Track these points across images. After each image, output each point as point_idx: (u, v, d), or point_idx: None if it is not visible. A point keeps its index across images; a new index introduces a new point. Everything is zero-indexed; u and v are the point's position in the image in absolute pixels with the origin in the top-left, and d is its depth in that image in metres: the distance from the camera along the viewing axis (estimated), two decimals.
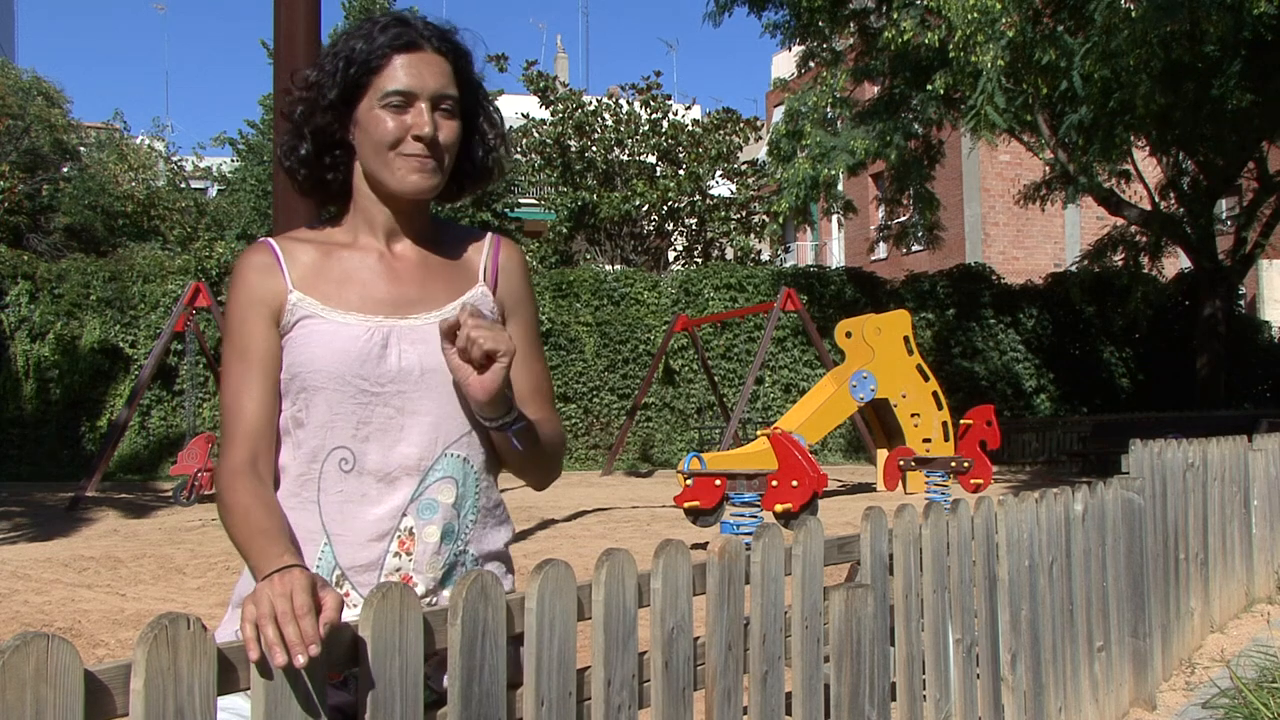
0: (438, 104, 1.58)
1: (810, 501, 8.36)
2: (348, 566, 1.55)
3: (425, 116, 1.56)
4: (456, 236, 1.71)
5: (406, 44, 1.57)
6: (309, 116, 1.60)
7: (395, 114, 1.56)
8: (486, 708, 1.45)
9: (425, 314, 1.60)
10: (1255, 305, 26.50)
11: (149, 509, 11.89)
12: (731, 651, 1.88)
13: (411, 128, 1.56)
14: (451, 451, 1.58)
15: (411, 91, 1.56)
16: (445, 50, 1.60)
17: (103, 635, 5.43)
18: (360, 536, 1.54)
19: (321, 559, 1.55)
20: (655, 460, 19.53)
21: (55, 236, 24.33)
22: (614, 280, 20.34)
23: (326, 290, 1.59)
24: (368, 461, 1.54)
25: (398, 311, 1.59)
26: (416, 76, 1.56)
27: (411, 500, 1.55)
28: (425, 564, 1.55)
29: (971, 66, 12.16)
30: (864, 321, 13.17)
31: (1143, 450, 4.32)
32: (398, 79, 1.56)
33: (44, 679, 1.03)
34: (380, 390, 1.55)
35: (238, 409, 1.55)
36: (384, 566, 1.55)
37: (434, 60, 1.58)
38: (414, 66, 1.57)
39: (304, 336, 1.56)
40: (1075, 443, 17.42)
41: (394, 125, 1.56)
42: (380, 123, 1.56)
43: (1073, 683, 3.36)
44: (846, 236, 32.51)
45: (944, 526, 2.65)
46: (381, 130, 1.56)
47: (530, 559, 5.06)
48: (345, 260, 1.62)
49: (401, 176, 1.57)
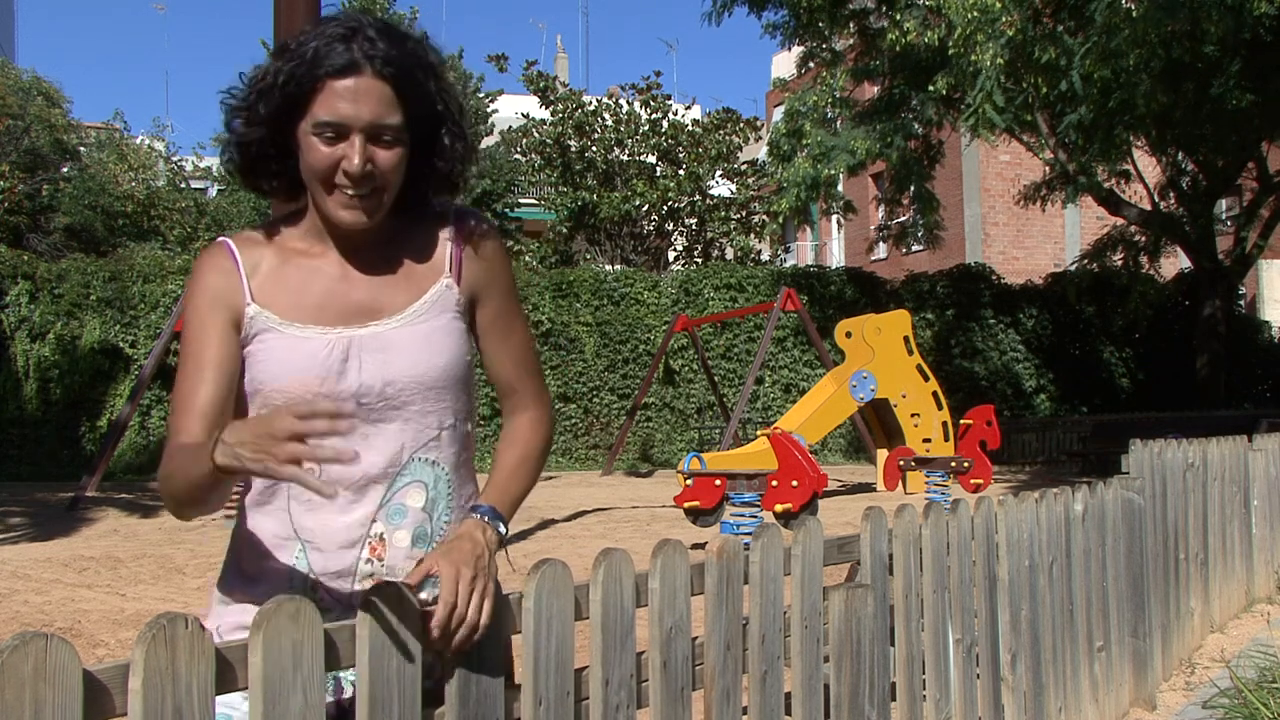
0: (375, 136, 1.48)
1: (810, 501, 8.36)
2: (321, 572, 1.54)
3: (356, 149, 1.47)
4: (418, 228, 1.63)
5: (343, 68, 1.46)
6: (249, 122, 1.53)
7: (328, 144, 1.48)
8: (484, 707, 1.45)
9: (387, 320, 1.56)
10: (1255, 305, 26.50)
11: (149, 509, 11.89)
12: (730, 651, 1.88)
13: (341, 160, 1.48)
14: (420, 456, 1.57)
15: (343, 123, 1.46)
16: (389, 74, 1.48)
17: (103, 635, 5.43)
18: (331, 543, 1.54)
19: (297, 563, 1.55)
20: (655, 460, 19.53)
21: (55, 236, 24.32)
22: (614, 280, 20.34)
23: (284, 302, 1.55)
24: (332, 471, 1.49)
25: (357, 320, 1.55)
26: (351, 106, 1.46)
27: (380, 506, 1.54)
28: (399, 569, 1.54)
29: (971, 65, 12.16)
30: (864, 321, 13.17)
31: (1143, 450, 4.32)
32: (330, 108, 1.46)
33: (43, 678, 1.03)
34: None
35: (191, 397, 1.51)
36: (357, 573, 1.54)
37: (373, 86, 1.47)
38: (349, 96, 1.46)
39: (264, 352, 1.53)
40: (1075, 443, 17.42)
41: (325, 155, 1.48)
42: (313, 150, 1.49)
43: (1073, 683, 3.36)
44: (846, 236, 32.50)
45: (944, 526, 2.65)
46: (313, 158, 1.49)
47: (530, 559, 5.05)
48: (303, 268, 1.57)
49: (335, 210, 1.51)
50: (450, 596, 1.38)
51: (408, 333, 1.56)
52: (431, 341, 1.56)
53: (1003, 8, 11.76)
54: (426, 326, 1.56)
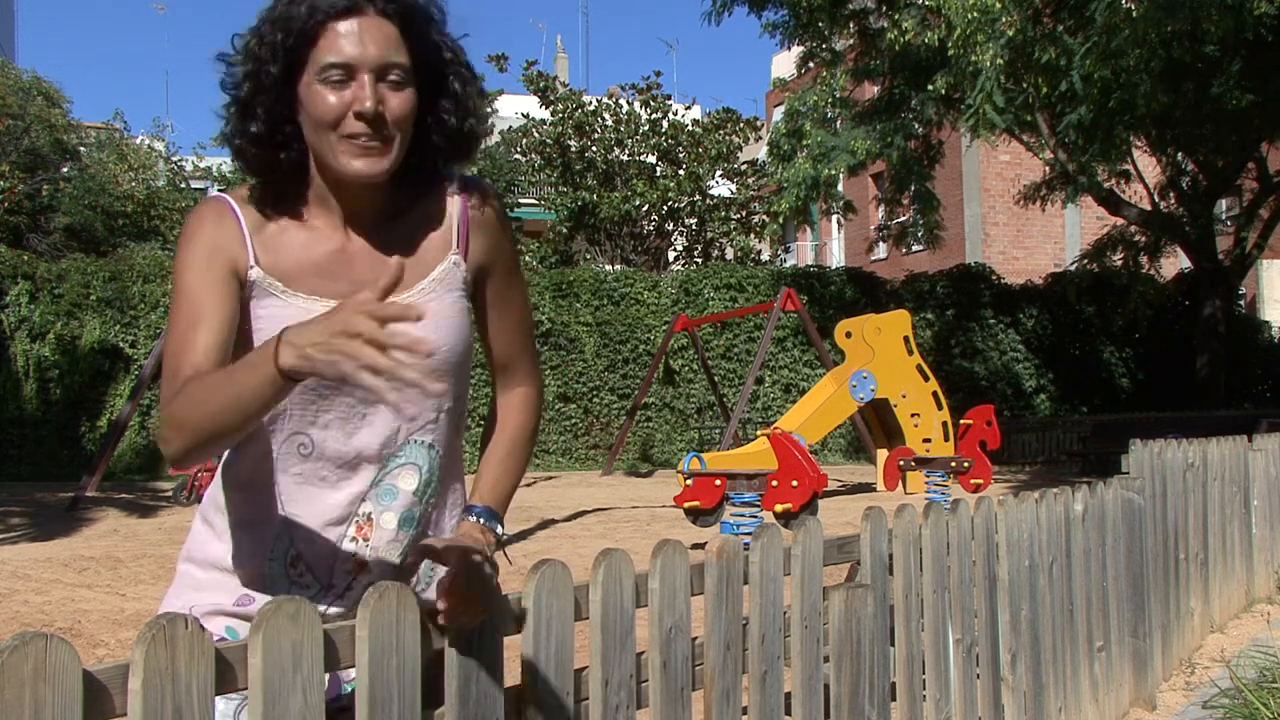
0: (383, 74, 1.41)
1: (810, 501, 8.36)
2: (304, 548, 1.50)
3: (367, 90, 1.39)
4: (424, 200, 1.56)
5: (345, 9, 1.40)
6: (255, 93, 1.44)
7: (335, 89, 1.40)
8: (484, 708, 1.45)
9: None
10: (1255, 305, 26.49)
11: (149, 509, 11.90)
12: (730, 651, 1.88)
13: (352, 103, 1.40)
14: (417, 438, 1.53)
15: (350, 63, 1.39)
16: (391, 12, 1.42)
17: (103, 635, 5.43)
18: (317, 520, 1.50)
19: (277, 541, 1.50)
20: (655, 460, 19.53)
21: (55, 236, 24.32)
22: (614, 280, 20.34)
23: (287, 269, 1.47)
24: (327, 448, 1.48)
25: None
26: (357, 45, 1.39)
27: (371, 486, 1.51)
28: (382, 549, 1.52)
29: (971, 66, 12.16)
30: (864, 321, 13.18)
31: (1143, 450, 4.32)
32: (336, 49, 1.39)
33: (42, 678, 1.03)
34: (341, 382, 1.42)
35: (192, 339, 1.40)
36: (340, 551, 1.51)
37: (378, 25, 1.41)
38: (354, 35, 1.40)
39: (265, 319, 1.46)
40: (1075, 443, 17.42)
41: (334, 101, 1.40)
42: (319, 99, 1.40)
43: (1073, 683, 3.36)
44: (846, 236, 32.50)
45: (944, 526, 2.65)
46: (321, 107, 1.40)
47: (530, 559, 5.05)
48: (305, 237, 1.50)
49: (345, 161, 1.42)
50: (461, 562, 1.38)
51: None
52: (438, 324, 1.49)
53: (1002, 8, 11.76)
54: (432, 307, 1.50)
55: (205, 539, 1.55)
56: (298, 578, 1.50)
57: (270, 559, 1.50)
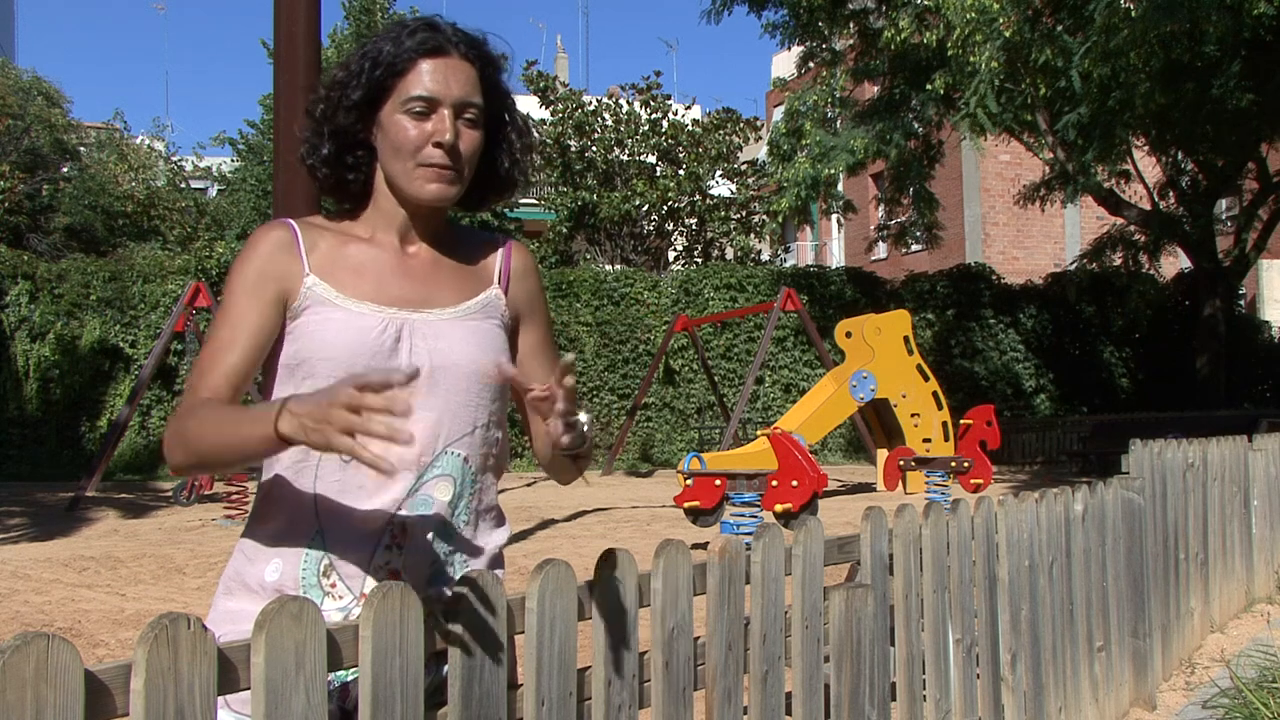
0: (461, 112, 1.56)
1: (810, 501, 8.36)
2: (337, 557, 1.52)
3: (447, 123, 1.54)
4: (470, 239, 1.71)
5: (433, 49, 1.55)
6: (331, 115, 1.58)
7: (417, 120, 1.54)
8: (487, 708, 1.45)
9: (440, 310, 1.59)
10: (1255, 305, 26.50)
11: (149, 509, 11.90)
12: (732, 651, 1.88)
13: (433, 134, 1.54)
14: (452, 450, 1.57)
15: (435, 98, 1.54)
16: (473, 58, 1.58)
17: (103, 635, 5.43)
18: (353, 528, 1.52)
19: (310, 547, 1.53)
20: (655, 460, 19.53)
21: (55, 236, 24.32)
22: (614, 280, 20.35)
23: (342, 278, 1.57)
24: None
25: (411, 306, 1.58)
26: (441, 83, 1.54)
27: (408, 495, 1.54)
28: (415, 560, 1.54)
29: (970, 66, 12.17)
30: (864, 321, 13.18)
31: (1143, 450, 4.32)
32: (422, 84, 1.54)
33: (44, 679, 1.03)
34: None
35: (222, 359, 1.52)
36: (374, 560, 1.53)
37: (460, 67, 1.56)
38: (439, 73, 1.55)
39: (317, 323, 1.54)
40: (1075, 443, 17.42)
41: (415, 132, 1.54)
42: (401, 128, 1.55)
43: (1073, 683, 3.36)
44: (846, 236, 32.50)
45: (944, 526, 2.65)
46: (402, 135, 1.55)
47: (530, 559, 5.04)
48: (362, 252, 1.61)
49: (420, 185, 1.56)
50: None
51: (460, 325, 1.60)
52: (480, 338, 1.60)
53: (1000, 8, 11.76)
54: (475, 324, 1.61)
55: (240, 565, 1.59)
56: (330, 588, 1.52)
57: (304, 568, 1.53)
